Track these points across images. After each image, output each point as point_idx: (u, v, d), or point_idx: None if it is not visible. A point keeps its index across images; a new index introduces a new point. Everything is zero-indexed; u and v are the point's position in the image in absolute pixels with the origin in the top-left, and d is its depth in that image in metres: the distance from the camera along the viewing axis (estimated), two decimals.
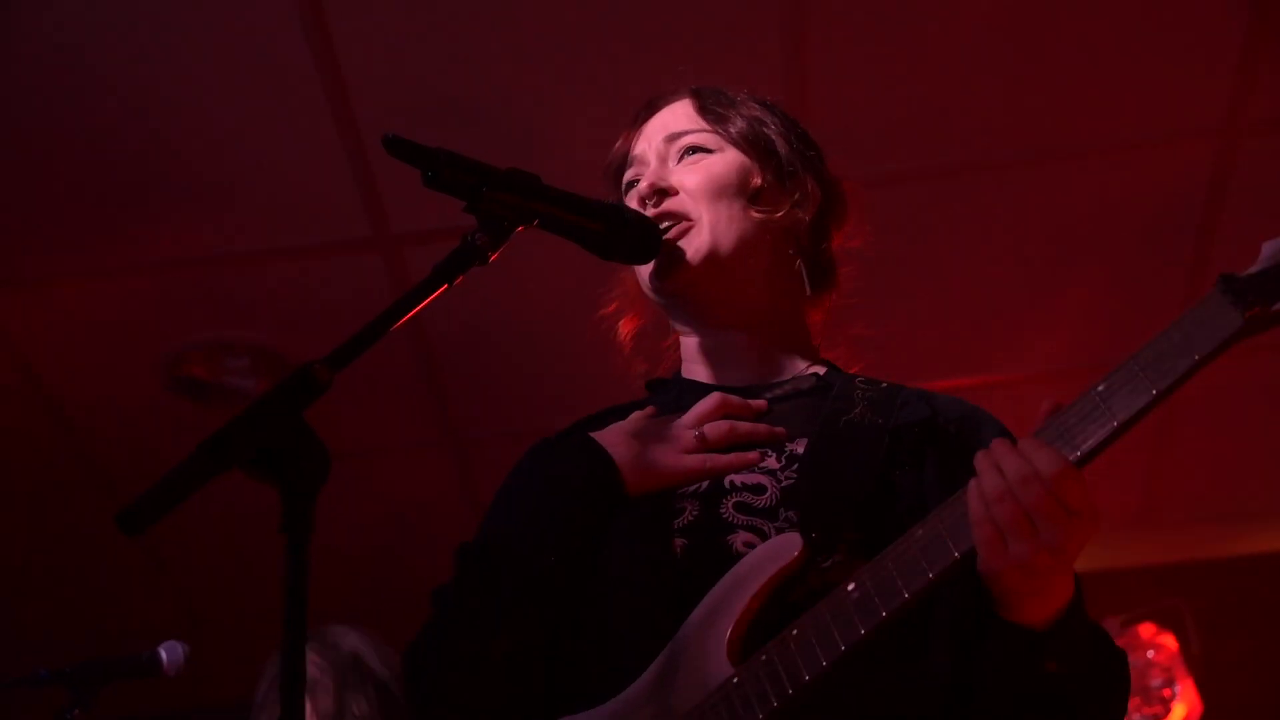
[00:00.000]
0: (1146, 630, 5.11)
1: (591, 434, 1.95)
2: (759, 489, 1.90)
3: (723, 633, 1.74)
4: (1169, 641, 5.10)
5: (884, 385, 2.00)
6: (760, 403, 1.98)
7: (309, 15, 3.50)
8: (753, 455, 1.92)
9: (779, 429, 1.95)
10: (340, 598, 5.17)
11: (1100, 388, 1.58)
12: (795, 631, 1.68)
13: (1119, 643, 1.76)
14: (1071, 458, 1.60)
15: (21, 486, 4.80)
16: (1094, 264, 4.27)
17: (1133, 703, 5.06)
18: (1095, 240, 4.18)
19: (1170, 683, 5.04)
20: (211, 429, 1.46)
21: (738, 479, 1.91)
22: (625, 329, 2.23)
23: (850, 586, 1.67)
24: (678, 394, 2.07)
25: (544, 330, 4.28)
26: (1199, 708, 5.01)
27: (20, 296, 4.16)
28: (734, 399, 1.97)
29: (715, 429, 1.93)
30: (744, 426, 1.95)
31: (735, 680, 1.70)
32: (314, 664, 3.07)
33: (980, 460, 1.64)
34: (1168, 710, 5.02)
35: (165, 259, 4.09)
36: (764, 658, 1.69)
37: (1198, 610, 5.24)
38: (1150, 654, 5.09)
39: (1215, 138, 3.92)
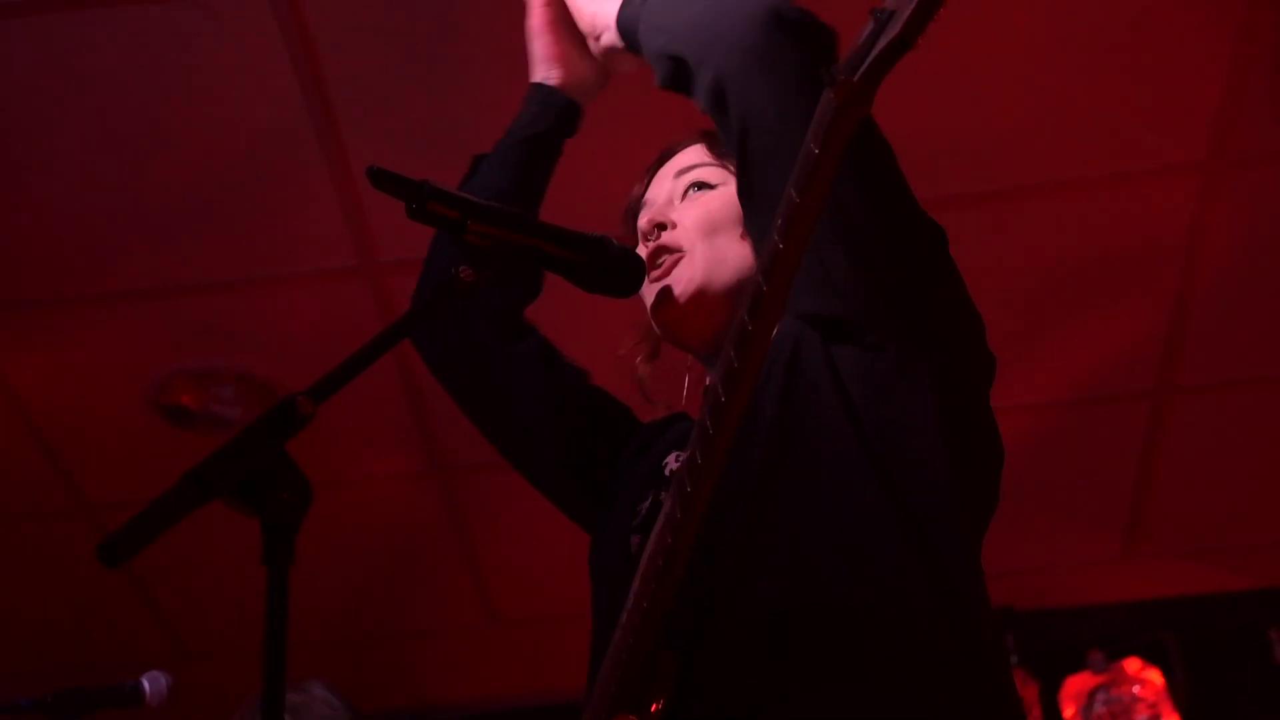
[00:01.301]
0: (1132, 665, 5.11)
1: None
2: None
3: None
4: (1155, 676, 5.10)
5: None
6: None
7: (297, 47, 3.51)
8: None
9: None
10: (324, 628, 5.18)
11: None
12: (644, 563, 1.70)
13: (1105, 678, 1.76)
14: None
15: (3, 512, 4.79)
16: (1077, 298, 4.27)
17: None
18: (1078, 275, 4.19)
19: (1156, 717, 5.04)
20: (199, 457, 1.46)
21: (675, 465, 1.96)
22: (642, 368, 2.27)
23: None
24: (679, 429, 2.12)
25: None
26: None
27: (3, 322, 4.15)
28: None
29: None
30: None
31: (616, 636, 1.73)
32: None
33: None
34: None
35: (151, 287, 4.09)
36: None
37: (1184, 645, 5.25)
38: (1136, 689, 5.09)
39: (1198, 172, 3.93)
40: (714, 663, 1.70)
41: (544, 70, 2.34)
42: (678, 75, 1.96)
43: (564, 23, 2.31)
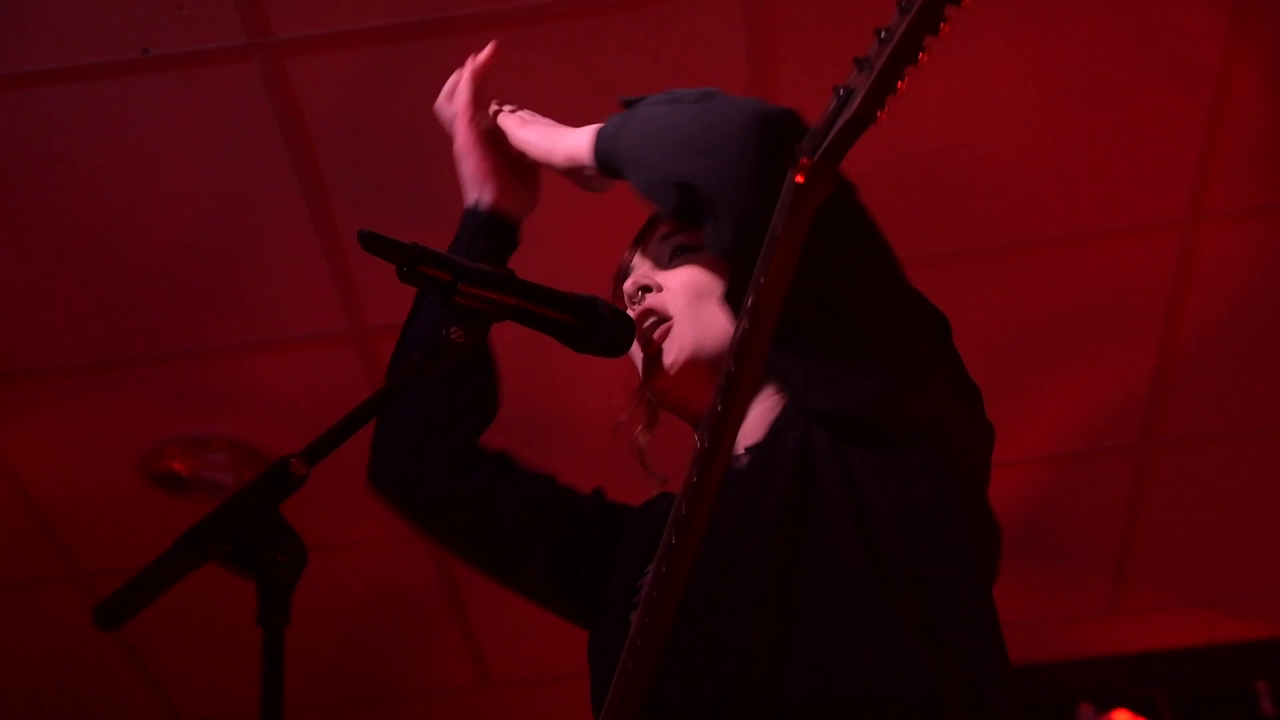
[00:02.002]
0: (1122, 717, 5.10)
1: None
2: None
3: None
4: None
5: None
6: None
7: (285, 114, 3.53)
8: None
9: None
10: (317, 691, 5.16)
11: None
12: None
13: None
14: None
15: None
16: (1059, 354, 4.29)
17: None
18: (1060, 331, 4.20)
19: None
20: (191, 523, 1.46)
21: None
22: (642, 438, 2.24)
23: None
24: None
25: (522, 414, 4.27)
26: None
27: (2, 396, 4.15)
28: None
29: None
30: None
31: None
32: None
33: None
34: None
35: (141, 354, 4.09)
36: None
37: (1172, 698, 5.24)
38: None
39: (1178, 228, 3.96)
40: None
41: (476, 191, 2.27)
42: (683, 203, 1.89)
43: (491, 139, 2.27)
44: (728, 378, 1.57)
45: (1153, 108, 3.67)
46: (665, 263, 2.10)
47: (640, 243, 2.18)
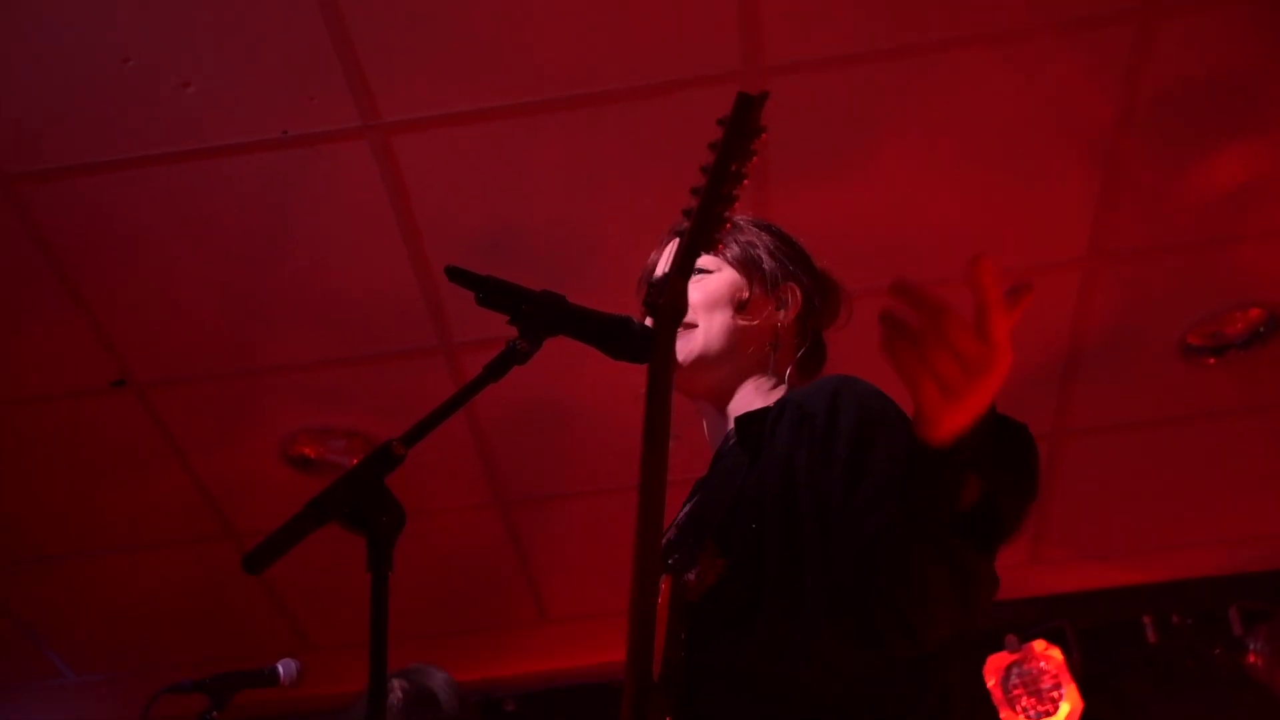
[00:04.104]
0: (1039, 645, 5.08)
1: None
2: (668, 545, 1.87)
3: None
4: (1056, 654, 5.07)
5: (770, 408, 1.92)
6: None
7: (389, 171, 3.53)
8: None
9: None
10: (416, 621, 5.15)
11: None
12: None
13: (1018, 656, 1.68)
14: None
15: (165, 541, 4.79)
16: None
17: (1028, 701, 5.02)
18: None
19: (1058, 686, 5.00)
20: (316, 492, 1.48)
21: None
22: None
23: None
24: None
25: (581, 404, 4.26)
26: (1080, 705, 4.99)
27: (177, 393, 4.15)
28: None
29: None
30: None
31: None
32: (398, 687, 3.07)
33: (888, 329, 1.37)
34: (1056, 708, 4.98)
35: (278, 364, 4.10)
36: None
37: (1078, 629, 5.23)
38: (1042, 664, 5.05)
39: (1078, 267, 3.92)
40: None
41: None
42: None
43: None
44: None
45: (1051, 163, 3.64)
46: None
47: (661, 253, 2.16)
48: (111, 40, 3.15)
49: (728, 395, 2.04)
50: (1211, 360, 4.31)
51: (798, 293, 2.09)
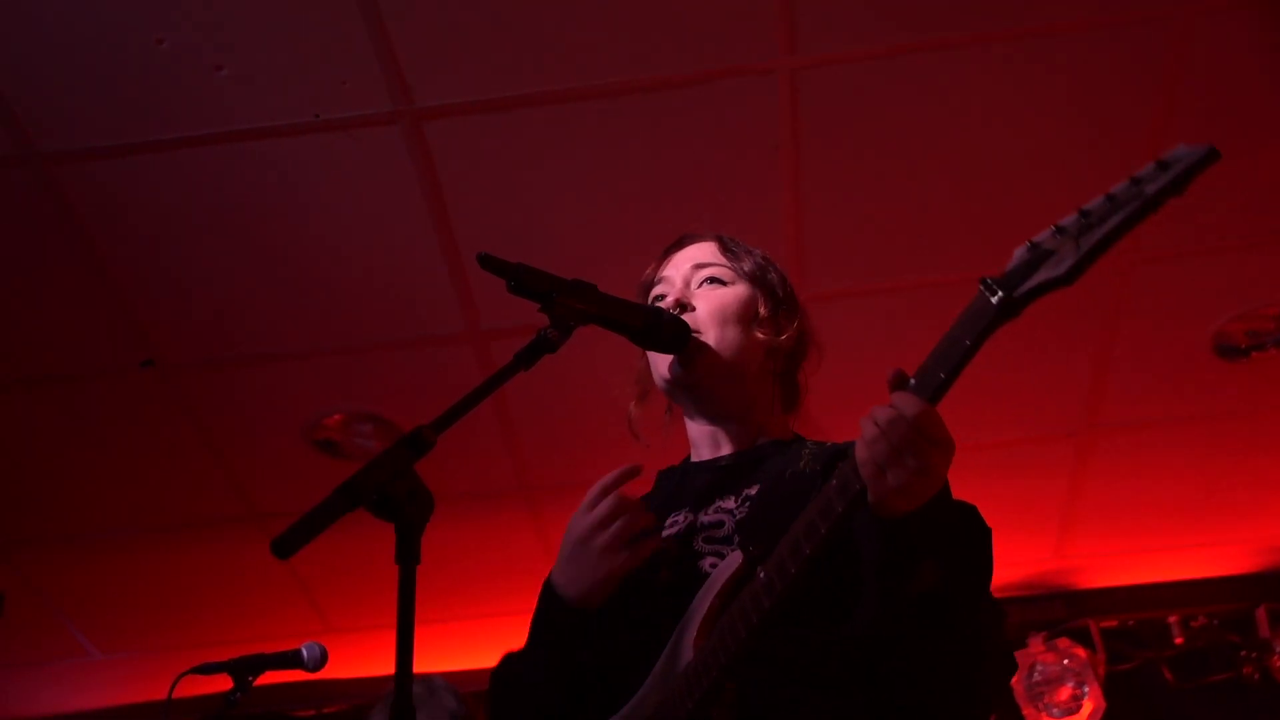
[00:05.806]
0: (1064, 643, 5.06)
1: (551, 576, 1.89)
2: (719, 524, 1.88)
3: (693, 631, 1.73)
4: (1080, 653, 5.05)
5: (830, 445, 1.97)
6: (649, 515, 1.89)
7: (420, 157, 3.53)
8: (650, 544, 1.86)
9: (651, 515, 1.89)
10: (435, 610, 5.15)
11: (922, 369, 1.52)
12: (725, 618, 1.67)
13: (1040, 653, 1.71)
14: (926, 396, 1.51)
15: (190, 522, 4.80)
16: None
17: (1051, 699, 5.00)
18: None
19: (1081, 684, 4.98)
20: (343, 477, 1.47)
21: (705, 518, 1.91)
22: (635, 410, 2.17)
23: (760, 574, 1.64)
24: (681, 476, 2.06)
25: (602, 394, 4.25)
26: (1103, 704, 4.97)
27: (204, 375, 4.17)
28: (626, 500, 1.86)
29: (615, 532, 1.83)
30: (638, 520, 1.86)
31: (691, 664, 1.70)
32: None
33: (863, 419, 1.55)
34: (1079, 706, 4.96)
35: (305, 347, 4.10)
36: (707, 642, 1.69)
37: (1103, 628, 5.20)
38: (1066, 661, 5.03)
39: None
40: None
41: (575, 590, 1.86)
42: None
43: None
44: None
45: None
46: (695, 286, 2.07)
47: (667, 260, 2.14)
48: (145, 22, 3.15)
49: (733, 407, 2.03)
50: (1246, 358, 4.27)
51: (794, 323, 2.09)
